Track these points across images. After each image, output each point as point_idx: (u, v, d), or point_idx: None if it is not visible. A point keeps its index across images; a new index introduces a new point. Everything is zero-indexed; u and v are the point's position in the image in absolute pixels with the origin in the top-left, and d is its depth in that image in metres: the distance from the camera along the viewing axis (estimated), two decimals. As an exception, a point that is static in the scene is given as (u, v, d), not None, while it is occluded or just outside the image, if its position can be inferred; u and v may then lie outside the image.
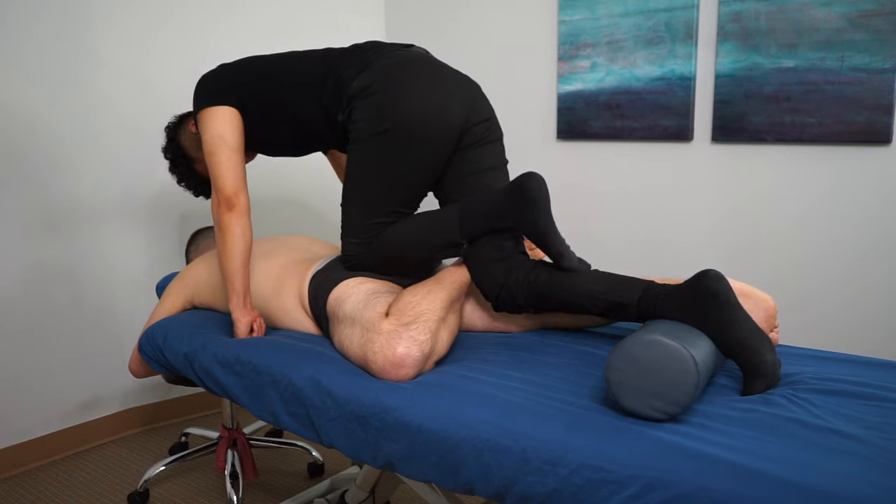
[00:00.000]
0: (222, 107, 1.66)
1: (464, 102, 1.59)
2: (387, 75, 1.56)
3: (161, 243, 2.67)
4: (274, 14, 2.84)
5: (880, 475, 0.96)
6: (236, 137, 1.67)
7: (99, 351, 2.58)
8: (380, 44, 1.68)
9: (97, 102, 2.47)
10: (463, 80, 1.64)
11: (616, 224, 2.60)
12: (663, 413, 1.13)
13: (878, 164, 2.07)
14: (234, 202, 1.63)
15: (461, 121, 1.58)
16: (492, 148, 1.66)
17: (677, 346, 1.12)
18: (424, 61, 1.60)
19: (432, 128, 1.55)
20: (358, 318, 1.46)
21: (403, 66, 1.57)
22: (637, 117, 2.46)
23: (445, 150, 1.59)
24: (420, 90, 1.54)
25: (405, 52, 1.63)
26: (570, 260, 1.48)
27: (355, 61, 1.62)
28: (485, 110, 1.65)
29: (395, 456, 1.27)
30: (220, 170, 1.63)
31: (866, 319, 2.14)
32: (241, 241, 1.64)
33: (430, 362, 1.41)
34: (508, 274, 1.52)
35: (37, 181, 2.36)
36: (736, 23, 2.22)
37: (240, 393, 1.53)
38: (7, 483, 2.32)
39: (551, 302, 1.49)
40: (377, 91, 1.55)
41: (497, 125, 1.69)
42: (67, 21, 2.37)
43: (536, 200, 1.47)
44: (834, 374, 1.38)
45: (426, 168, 1.59)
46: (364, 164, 1.60)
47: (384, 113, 1.54)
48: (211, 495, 2.23)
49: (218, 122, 1.65)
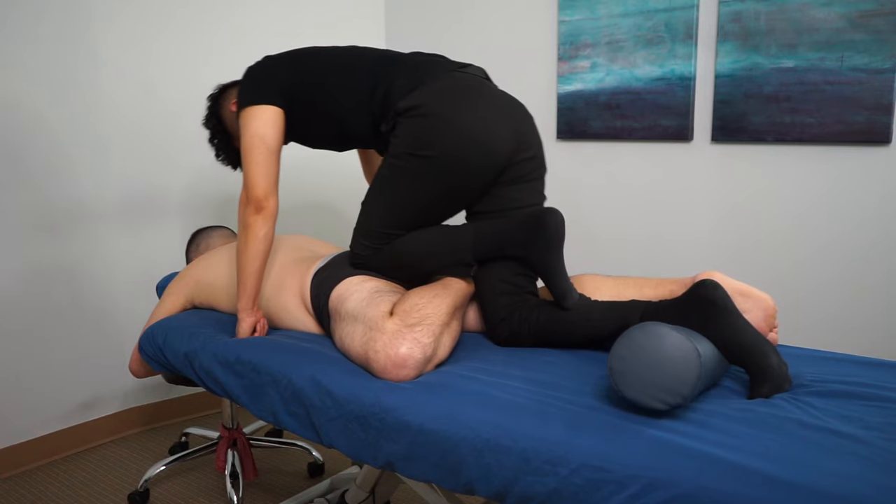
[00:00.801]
0: (267, 106, 1.63)
1: (511, 137, 1.54)
2: (436, 100, 1.51)
3: (161, 243, 2.67)
4: (274, 14, 2.84)
5: (880, 475, 0.96)
6: (276, 139, 1.63)
7: (99, 351, 2.58)
8: (437, 61, 1.62)
9: (97, 102, 2.47)
10: (515, 112, 1.57)
11: (616, 224, 2.60)
12: (664, 403, 1.12)
13: (878, 164, 2.07)
14: (263, 205, 1.61)
15: (505, 157, 1.53)
16: (531, 187, 1.60)
17: (682, 337, 1.13)
18: (478, 89, 1.55)
19: (473, 163, 1.51)
20: (361, 315, 1.45)
21: (454, 93, 1.52)
22: (637, 117, 2.46)
23: (482, 184, 1.55)
24: (466, 123, 1.49)
25: (461, 75, 1.58)
26: (572, 300, 1.48)
27: (408, 76, 1.58)
28: (532, 145, 1.59)
29: (395, 456, 1.27)
30: (254, 170, 1.61)
31: (865, 319, 2.14)
32: (263, 245, 1.62)
33: (431, 365, 1.41)
34: (512, 310, 1.52)
35: (37, 181, 2.36)
36: (736, 23, 2.22)
37: (240, 393, 1.53)
38: (7, 483, 2.32)
39: (556, 338, 1.50)
40: (424, 115, 1.51)
41: (542, 162, 1.63)
42: (67, 21, 2.37)
43: (551, 239, 1.46)
44: (833, 373, 1.38)
45: (459, 198, 1.57)
46: (397, 179, 1.56)
47: (428, 139, 1.50)
48: (211, 495, 2.23)
49: (260, 122, 1.62)
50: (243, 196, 1.62)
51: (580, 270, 2.69)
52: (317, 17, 2.96)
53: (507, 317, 1.52)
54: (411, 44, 3.10)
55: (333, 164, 3.06)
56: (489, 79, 1.64)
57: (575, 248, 2.71)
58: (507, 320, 1.52)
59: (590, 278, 1.66)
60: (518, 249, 1.50)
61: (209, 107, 1.87)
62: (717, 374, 1.26)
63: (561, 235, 1.46)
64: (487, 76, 1.65)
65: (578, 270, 2.69)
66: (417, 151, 1.51)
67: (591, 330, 1.45)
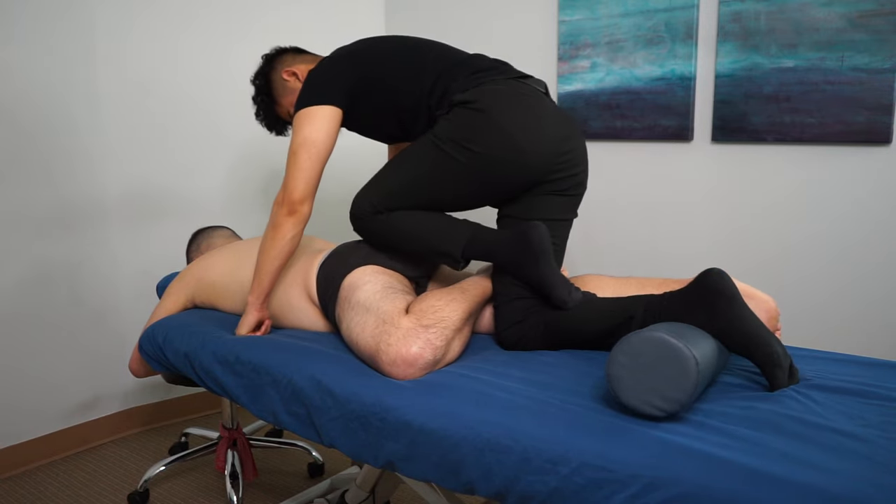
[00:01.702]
0: (326, 106, 1.62)
1: (553, 152, 1.53)
2: (492, 100, 1.52)
3: (161, 243, 2.67)
4: (274, 14, 2.84)
5: (881, 474, 0.96)
6: (327, 144, 1.63)
7: (99, 351, 2.58)
8: (498, 67, 1.63)
9: (97, 102, 2.47)
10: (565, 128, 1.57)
11: (616, 224, 2.60)
12: (660, 410, 1.13)
13: (878, 164, 2.07)
14: (297, 209, 1.60)
15: (542, 171, 1.53)
16: (565, 202, 1.60)
17: (680, 344, 1.13)
18: (535, 98, 1.56)
19: (508, 169, 1.51)
20: (374, 307, 1.45)
21: (512, 99, 1.53)
22: (637, 117, 2.46)
23: (507, 192, 1.56)
24: (515, 129, 1.49)
25: (521, 84, 1.58)
26: (574, 303, 1.48)
27: (468, 78, 1.59)
28: (576, 163, 1.58)
29: (395, 455, 1.27)
30: (296, 173, 1.60)
31: (866, 319, 2.14)
32: (289, 246, 1.63)
33: (438, 367, 1.41)
34: (526, 316, 1.52)
35: (37, 181, 2.36)
36: (736, 23, 2.22)
37: (240, 392, 1.53)
38: (7, 483, 2.32)
39: (564, 337, 1.50)
40: (480, 110, 1.51)
41: (583, 181, 1.62)
42: (67, 21, 2.37)
43: (537, 255, 1.46)
44: (835, 373, 1.38)
45: (478, 197, 1.57)
46: (432, 157, 1.55)
47: (475, 133, 1.51)
48: (211, 495, 2.23)
49: (315, 125, 1.61)
50: (280, 196, 1.62)
51: (581, 271, 2.69)
52: (317, 17, 2.96)
53: (521, 319, 1.53)
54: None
55: (333, 166, 3.06)
56: (548, 93, 1.65)
57: (575, 248, 2.71)
58: (521, 323, 1.52)
59: (592, 278, 1.66)
60: (506, 266, 1.52)
61: (261, 66, 1.85)
62: (717, 372, 1.26)
63: (546, 249, 1.46)
64: (547, 91, 1.66)
65: (579, 271, 2.69)
66: (462, 142, 1.51)
67: (596, 325, 1.45)
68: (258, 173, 2.88)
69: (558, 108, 1.61)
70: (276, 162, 2.91)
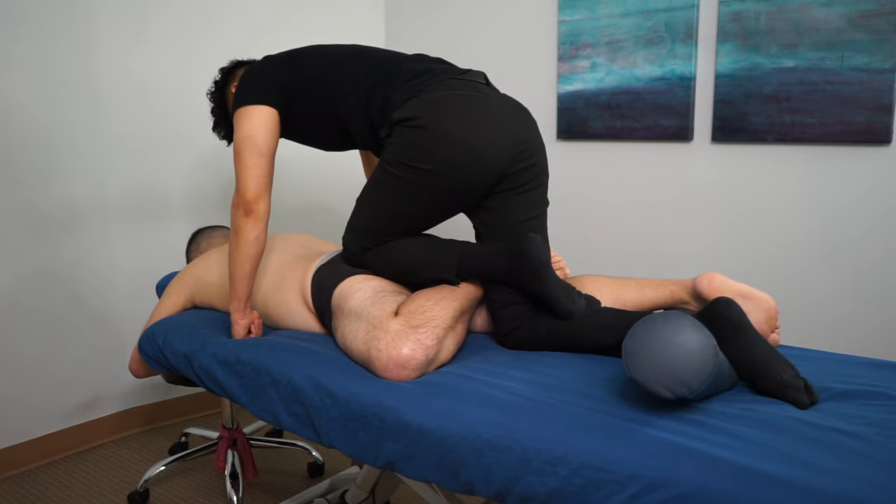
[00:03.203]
0: (262, 106, 1.61)
1: (510, 148, 1.50)
2: (432, 112, 1.48)
3: (161, 243, 2.67)
4: (274, 14, 2.84)
5: (881, 474, 0.96)
6: (268, 141, 1.61)
7: (99, 351, 2.58)
8: (435, 68, 1.59)
9: (97, 102, 2.47)
10: (515, 119, 1.54)
11: (616, 224, 2.60)
12: (670, 392, 1.11)
13: (878, 164, 2.07)
14: (253, 208, 1.59)
15: (501, 171, 1.51)
16: (532, 196, 1.58)
17: (703, 332, 1.12)
18: (476, 99, 1.51)
19: (465, 178, 1.49)
20: (364, 313, 1.45)
21: (451, 105, 1.49)
22: (637, 117, 2.46)
23: (473, 199, 1.54)
24: (463, 136, 1.46)
25: (459, 83, 1.54)
26: (578, 311, 1.47)
27: (405, 85, 1.55)
28: (533, 154, 1.56)
29: (395, 456, 1.27)
30: (244, 173, 1.59)
31: (866, 319, 2.14)
32: (254, 247, 1.61)
33: (433, 367, 1.41)
34: (524, 319, 1.51)
35: (37, 181, 2.36)
36: (736, 23, 2.22)
37: (239, 393, 1.53)
38: (7, 483, 2.32)
39: (567, 343, 1.49)
40: (421, 126, 1.48)
41: (544, 168, 1.60)
42: (67, 21, 2.37)
43: (536, 270, 1.44)
44: (835, 373, 1.38)
45: (449, 208, 1.56)
46: (389, 185, 1.54)
47: (423, 152, 1.48)
48: (211, 495, 2.23)
49: (253, 123, 1.60)
50: (235, 198, 1.61)
51: (580, 271, 2.69)
52: (317, 17, 2.96)
53: (520, 325, 1.52)
54: (411, 44, 3.10)
55: (332, 165, 3.06)
56: (489, 83, 1.62)
57: (574, 248, 2.71)
58: (520, 328, 1.52)
59: (590, 279, 1.65)
60: (505, 278, 1.49)
61: (217, 80, 1.86)
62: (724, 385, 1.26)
63: (545, 262, 1.44)
64: (488, 81, 1.62)
65: (579, 271, 2.69)
66: (412, 163, 1.49)
67: (602, 336, 1.44)
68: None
69: (505, 97, 1.57)
70: (276, 162, 2.91)
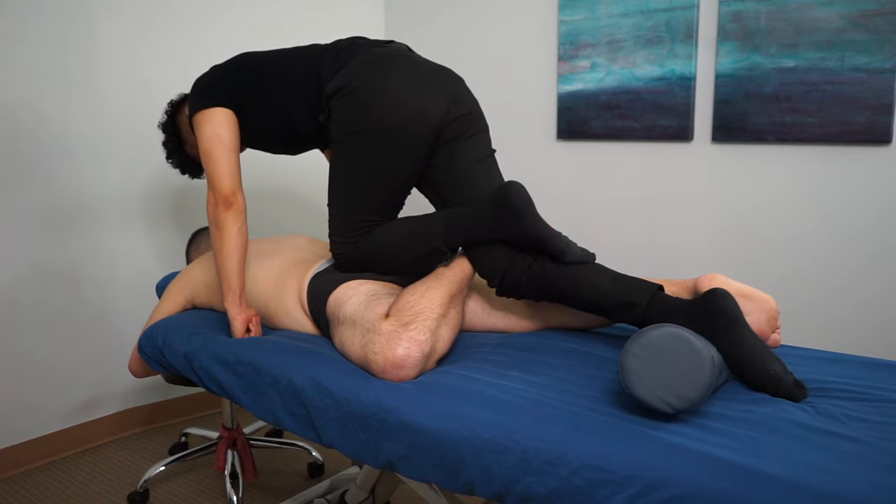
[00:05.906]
0: (218, 108, 1.67)
1: (443, 97, 1.57)
2: (362, 74, 1.56)
3: (161, 243, 2.67)
4: (274, 13, 2.84)
5: (880, 474, 0.96)
6: (232, 137, 1.67)
7: (99, 351, 2.58)
8: (358, 41, 1.67)
9: (97, 102, 2.47)
10: (443, 74, 1.61)
11: (616, 224, 2.60)
12: (670, 407, 1.12)
13: (878, 164, 2.07)
14: (231, 201, 1.63)
15: (440, 117, 1.56)
16: (475, 140, 1.63)
17: (699, 343, 1.12)
18: (402, 58, 1.59)
19: (409, 126, 1.54)
20: (358, 319, 1.45)
21: (379, 64, 1.57)
22: (637, 117, 2.46)
23: (423, 147, 1.58)
24: (396, 88, 1.53)
25: (383, 49, 1.62)
26: (573, 254, 1.46)
27: (333, 60, 1.62)
28: (466, 103, 1.62)
29: (395, 456, 1.27)
30: (217, 169, 1.64)
31: (865, 318, 2.14)
32: (238, 240, 1.64)
33: (432, 361, 1.41)
34: (514, 260, 1.51)
35: (37, 181, 2.36)
36: (736, 23, 2.22)
37: (239, 393, 1.53)
38: (7, 483, 2.32)
39: (557, 294, 1.48)
40: (353, 90, 1.55)
41: (480, 117, 1.66)
42: (67, 20, 2.37)
43: (522, 211, 1.45)
44: (834, 374, 1.38)
45: (405, 166, 1.58)
46: (344, 164, 1.60)
47: (360, 113, 1.54)
48: (211, 495, 2.23)
49: (214, 123, 1.66)
50: (210, 197, 1.65)
51: (580, 270, 2.68)
52: (317, 17, 2.96)
53: (509, 266, 1.51)
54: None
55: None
56: (412, 51, 1.68)
57: (575, 248, 2.71)
58: (510, 269, 1.50)
59: None
60: (493, 233, 1.50)
61: (167, 111, 1.92)
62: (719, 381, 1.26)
63: (529, 202, 1.46)
64: (410, 49, 1.68)
65: (578, 270, 2.69)
66: (354, 128, 1.54)
67: (596, 296, 1.43)
68: (258, 173, 2.88)
69: (429, 60, 1.63)
70: (277, 162, 2.91)
